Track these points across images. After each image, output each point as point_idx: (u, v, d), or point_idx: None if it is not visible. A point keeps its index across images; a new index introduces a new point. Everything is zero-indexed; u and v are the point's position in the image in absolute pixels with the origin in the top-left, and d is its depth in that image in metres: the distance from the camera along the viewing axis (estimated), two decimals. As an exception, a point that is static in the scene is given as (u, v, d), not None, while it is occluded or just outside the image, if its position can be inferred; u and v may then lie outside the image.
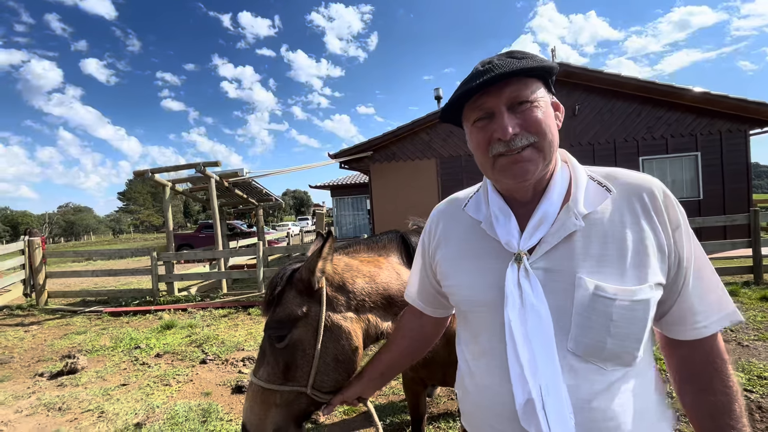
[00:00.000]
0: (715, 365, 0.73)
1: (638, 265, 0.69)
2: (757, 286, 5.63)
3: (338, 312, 1.10)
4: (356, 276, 1.18)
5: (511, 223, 0.78)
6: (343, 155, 11.07)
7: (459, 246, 0.87)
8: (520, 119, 0.72)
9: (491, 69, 0.72)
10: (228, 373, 3.88)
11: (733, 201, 9.28)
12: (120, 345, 4.88)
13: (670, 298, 0.73)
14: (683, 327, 0.73)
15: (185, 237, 18.24)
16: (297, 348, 1.04)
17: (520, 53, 0.76)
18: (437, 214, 0.97)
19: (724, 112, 9.29)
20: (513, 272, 0.74)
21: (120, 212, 77.42)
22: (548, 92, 0.78)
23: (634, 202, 0.73)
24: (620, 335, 0.67)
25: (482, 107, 0.75)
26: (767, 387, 2.88)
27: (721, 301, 0.73)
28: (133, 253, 8.23)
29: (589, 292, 0.67)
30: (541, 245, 0.74)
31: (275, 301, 1.08)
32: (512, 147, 0.72)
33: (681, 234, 0.72)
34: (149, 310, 6.61)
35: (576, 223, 0.72)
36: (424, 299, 1.02)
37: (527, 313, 0.71)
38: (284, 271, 1.12)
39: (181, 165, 8.69)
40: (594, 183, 0.76)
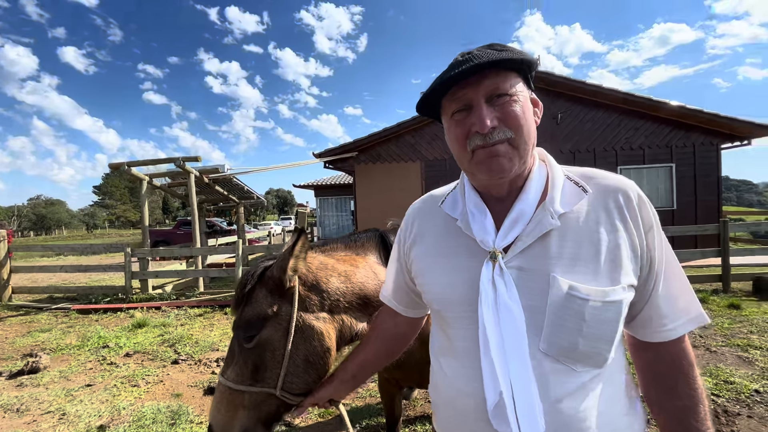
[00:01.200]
0: (681, 368, 0.74)
1: (612, 266, 0.69)
2: (725, 293, 5.84)
3: (311, 312, 1.06)
4: (331, 275, 1.15)
5: (486, 221, 0.77)
6: (328, 155, 10.99)
7: (434, 243, 0.86)
8: (498, 112, 0.71)
9: (470, 59, 0.71)
10: (201, 374, 3.76)
11: (705, 212, 9.64)
12: (87, 344, 4.67)
13: (641, 300, 0.73)
14: (651, 329, 0.74)
15: (163, 233, 17.78)
16: (266, 348, 1.01)
17: (500, 45, 0.75)
18: (413, 212, 0.96)
19: (698, 126, 9.66)
20: (488, 270, 0.73)
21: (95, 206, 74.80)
22: (527, 87, 0.77)
23: (609, 203, 0.73)
24: (592, 336, 0.67)
25: (460, 99, 0.74)
26: (733, 391, 2.97)
27: (689, 304, 0.74)
28: (106, 249, 7.92)
29: (562, 292, 0.67)
30: (516, 244, 0.73)
31: (245, 299, 1.04)
32: (489, 141, 0.71)
33: (653, 236, 0.73)
34: (120, 308, 6.37)
35: (552, 222, 0.71)
36: (399, 299, 1.00)
37: (501, 312, 0.70)
38: (255, 268, 1.08)
39: (160, 159, 8.45)
40: (570, 183, 0.76)
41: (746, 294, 5.81)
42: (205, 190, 10.62)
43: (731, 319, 4.70)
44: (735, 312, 4.96)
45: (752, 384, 3.06)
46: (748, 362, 3.49)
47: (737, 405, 2.80)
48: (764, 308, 5.05)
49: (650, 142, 9.91)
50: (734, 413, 2.70)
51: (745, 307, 5.11)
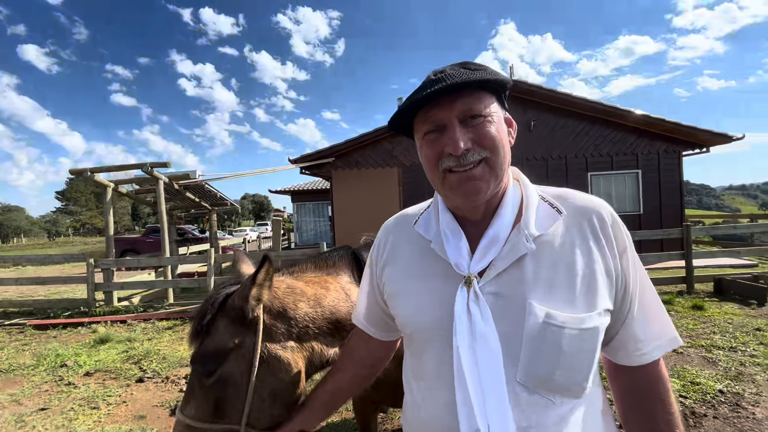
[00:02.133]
0: (658, 392, 0.73)
1: (587, 291, 0.67)
2: (689, 295, 6.10)
3: (277, 341, 0.98)
4: (299, 300, 1.08)
5: (461, 244, 0.74)
6: (305, 160, 10.84)
7: (407, 265, 0.82)
8: (472, 133, 0.69)
9: (443, 79, 0.68)
10: (168, 392, 3.57)
11: (669, 216, 10.09)
12: (43, 363, 4.36)
13: (616, 324, 0.72)
14: (626, 353, 0.73)
15: (131, 241, 17.02)
16: (229, 383, 0.92)
17: (474, 64, 0.74)
18: (386, 231, 0.92)
19: (661, 134, 10.13)
20: (462, 296, 0.70)
21: (57, 213, 70.91)
22: (501, 107, 0.75)
23: (584, 225, 0.72)
24: (569, 366, 0.66)
25: (433, 119, 0.71)
26: (699, 392, 3.07)
27: (663, 327, 0.74)
28: (67, 259, 7.48)
29: (539, 320, 0.65)
30: (491, 268, 0.70)
31: (204, 331, 0.95)
32: (463, 162, 0.69)
33: (627, 258, 0.72)
34: (82, 322, 6.01)
35: (527, 246, 0.69)
36: (372, 321, 0.96)
37: (476, 341, 0.67)
38: (215, 296, 1.00)
39: (127, 165, 8.10)
40: (545, 204, 0.75)
41: (708, 295, 6.08)
42: (175, 197, 10.25)
43: (695, 320, 4.89)
44: (699, 313, 5.18)
45: (716, 384, 3.17)
46: (712, 363, 3.63)
47: (703, 406, 2.89)
48: (725, 309, 5.29)
49: (618, 150, 10.30)
50: (701, 414, 2.79)
51: (708, 307, 5.33)
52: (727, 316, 4.94)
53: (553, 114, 10.41)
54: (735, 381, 3.22)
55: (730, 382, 3.20)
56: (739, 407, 2.83)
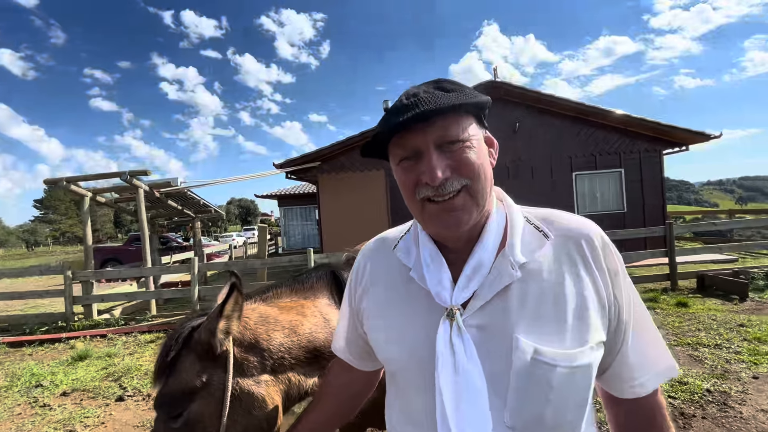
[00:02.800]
0: (655, 423, 0.70)
1: (579, 324, 0.63)
2: (673, 292, 6.19)
3: (249, 376, 0.91)
4: (273, 329, 1.00)
5: (442, 273, 0.68)
6: (290, 165, 10.71)
7: (387, 294, 0.77)
8: (450, 160, 0.64)
9: (416, 104, 0.62)
10: (149, 411, 3.43)
11: (652, 214, 10.27)
12: (17, 383, 4.16)
13: (610, 354, 0.68)
14: (621, 384, 0.69)
15: (113, 251, 16.57)
16: (197, 426, 0.84)
17: (449, 84, 0.68)
18: (364, 256, 0.86)
19: (642, 134, 10.33)
20: (445, 330, 0.65)
21: (36, 222, 68.75)
22: (481, 127, 0.70)
23: (573, 251, 0.67)
24: (560, 404, 0.61)
25: (407, 146, 0.65)
26: (688, 392, 3.09)
27: (659, 355, 0.70)
28: (43, 271, 7.19)
29: (527, 356, 0.60)
30: (475, 299, 0.65)
31: (168, 369, 0.87)
32: (442, 192, 0.63)
33: (619, 283, 0.67)
34: (59, 338, 5.77)
35: (513, 274, 0.64)
36: (353, 351, 0.89)
37: (460, 380, 0.62)
38: (180, 331, 0.92)
39: (105, 173, 7.85)
40: (531, 227, 0.70)
41: (692, 291, 6.18)
42: (157, 205, 10.00)
43: (680, 317, 4.96)
44: (683, 310, 5.25)
45: (704, 383, 3.19)
46: (698, 361, 3.66)
47: (692, 406, 2.91)
48: (708, 305, 5.38)
49: (601, 149, 10.46)
50: (690, 415, 2.80)
51: (692, 304, 5.42)
52: (710, 313, 5.02)
53: (538, 115, 10.51)
54: (721, 379, 3.25)
55: (717, 381, 3.22)
56: (726, 406, 2.85)
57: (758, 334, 4.09)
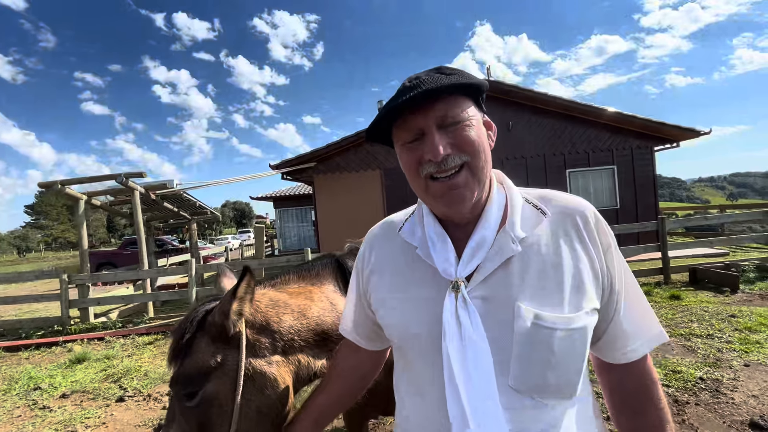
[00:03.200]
0: (646, 388, 0.74)
1: (575, 291, 0.67)
2: (666, 285, 6.30)
3: (261, 357, 0.95)
4: (283, 313, 1.04)
5: (447, 249, 0.73)
6: (286, 166, 10.72)
7: (394, 273, 0.81)
8: (451, 139, 0.68)
9: (418, 85, 0.67)
10: (150, 411, 3.44)
11: (644, 209, 10.41)
12: (15, 387, 4.15)
13: (604, 322, 0.72)
14: (615, 351, 0.74)
15: (107, 255, 16.48)
16: (212, 404, 0.88)
17: (449, 69, 0.72)
18: (371, 239, 0.90)
19: (634, 131, 10.46)
20: (451, 302, 0.69)
21: (27, 228, 67.90)
22: (479, 110, 0.74)
23: (568, 226, 0.72)
24: (561, 367, 0.65)
25: (411, 127, 0.70)
26: (681, 381, 3.16)
27: (649, 324, 0.74)
28: (38, 276, 7.15)
29: (528, 322, 0.64)
30: (478, 272, 0.70)
31: (184, 350, 0.90)
32: (444, 168, 0.68)
33: (612, 256, 0.72)
34: (56, 341, 5.75)
35: (513, 248, 0.69)
36: (361, 332, 0.93)
37: (466, 348, 0.66)
38: (195, 314, 0.95)
39: (100, 176, 7.81)
40: (529, 206, 0.75)
41: (684, 284, 6.29)
42: (152, 208, 9.96)
43: (674, 309, 5.05)
44: (676, 302, 5.35)
45: (697, 372, 3.27)
46: (691, 351, 3.74)
47: (685, 394, 2.98)
48: (700, 297, 5.49)
49: (593, 146, 10.58)
50: (683, 402, 2.87)
51: (685, 297, 5.52)
52: (703, 305, 5.12)
53: (531, 113, 10.61)
54: (714, 367, 3.33)
55: (710, 369, 3.30)
56: (718, 393, 2.93)
57: (749, 324, 4.19)
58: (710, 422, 2.60)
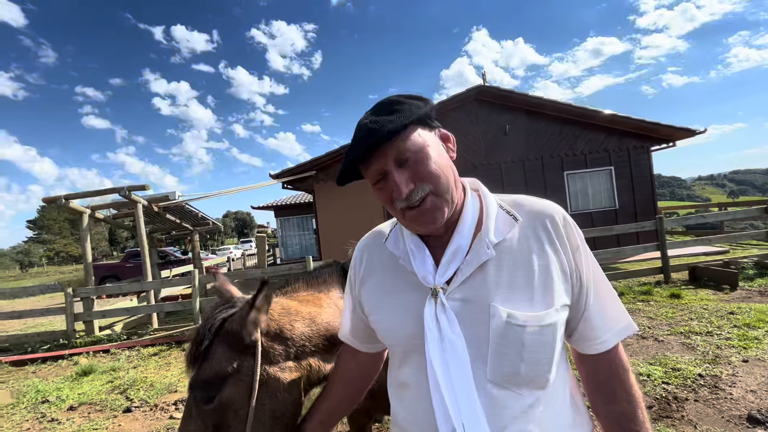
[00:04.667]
0: (618, 376, 0.80)
1: (545, 290, 0.73)
2: (666, 284, 6.32)
3: (275, 363, 1.00)
4: (295, 320, 1.10)
5: (426, 259, 0.80)
6: (286, 175, 10.80)
7: (381, 280, 0.88)
8: (410, 173, 0.74)
9: (369, 134, 0.73)
10: (157, 421, 3.48)
11: (643, 209, 10.45)
12: (23, 400, 4.19)
13: (576, 317, 0.79)
14: (587, 342, 0.80)
15: (110, 267, 16.54)
16: (228, 408, 0.93)
17: (391, 104, 0.77)
18: (361, 248, 0.98)
19: (630, 131, 10.54)
20: (430, 307, 0.76)
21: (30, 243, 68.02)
22: (430, 129, 0.79)
23: (539, 229, 0.78)
24: (532, 360, 0.71)
25: (374, 170, 0.77)
26: (681, 378, 3.20)
27: (618, 316, 0.80)
28: (43, 290, 7.20)
29: (502, 320, 0.71)
30: (456, 276, 0.76)
31: (202, 356, 0.95)
32: (412, 201, 0.74)
33: (580, 255, 0.78)
34: (62, 355, 5.80)
35: (488, 253, 0.75)
36: (357, 336, 1.00)
37: (446, 348, 0.73)
38: (212, 321, 1.00)
39: (103, 190, 7.90)
40: (503, 212, 0.80)
41: (684, 283, 6.32)
42: (155, 220, 10.04)
43: (674, 308, 5.08)
44: (676, 301, 5.38)
45: (696, 369, 3.31)
46: (691, 348, 3.78)
47: (685, 390, 3.02)
48: (700, 295, 5.52)
49: (590, 148, 10.66)
50: (683, 399, 2.90)
51: (685, 295, 5.55)
52: (702, 303, 5.16)
53: (528, 117, 10.70)
54: (713, 364, 3.36)
55: (709, 366, 3.34)
56: (717, 389, 2.96)
57: (748, 321, 4.22)
58: (709, 418, 2.64)
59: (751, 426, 2.48)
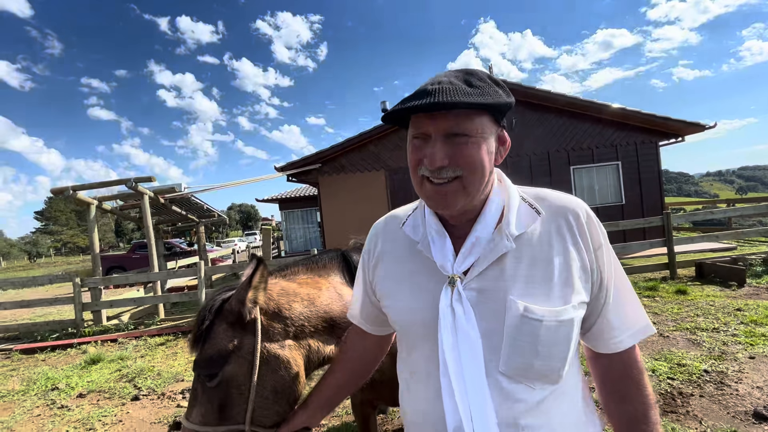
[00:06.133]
0: (632, 376, 0.78)
1: (564, 286, 0.72)
2: (672, 280, 6.29)
3: (275, 341, 1.03)
4: (293, 301, 1.12)
5: (446, 246, 0.79)
6: (291, 168, 10.81)
7: (396, 265, 0.87)
8: (451, 151, 0.71)
9: (437, 92, 0.68)
10: (165, 409, 3.54)
11: (650, 204, 10.37)
12: (33, 387, 4.27)
13: (593, 315, 0.77)
14: (603, 341, 0.78)
15: (117, 258, 16.72)
16: (231, 385, 0.97)
17: (478, 78, 0.73)
18: (376, 232, 0.96)
19: (638, 126, 10.42)
20: (446, 295, 0.75)
21: (37, 234, 68.80)
22: (495, 125, 0.75)
23: (561, 224, 0.76)
24: (546, 355, 0.70)
25: (420, 127, 0.73)
26: (686, 373, 3.19)
27: (636, 317, 0.78)
28: (52, 280, 7.29)
29: (518, 313, 0.69)
30: (474, 267, 0.75)
31: (203, 336, 0.99)
32: (438, 175, 0.72)
33: (602, 253, 0.76)
34: (71, 343, 5.89)
35: (507, 245, 0.73)
36: (367, 318, 1.00)
37: (459, 337, 0.72)
38: (212, 302, 1.04)
39: (110, 181, 7.96)
40: (525, 204, 0.78)
41: (690, 279, 6.28)
42: (161, 211, 10.10)
43: (680, 304, 5.05)
44: (682, 297, 5.35)
45: (701, 364, 3.29)
46: (696, 344, 3.76)
47: (690, 386, 3.01)
48: (707, 291, 5.48)
49: (598, 143, 10.55)
50: (688, 394, 2.90)
51: (691, 291, 5.52)
52: (709, 299, 5.12)
53: (534, 111, 10.61)
54: (719, 360, 3.35)
55: (714, 362, 3.32)
56: (723, 385, 2.95)
57: (755, 317, 4.19)
58: (714, 413, 2.63)
59: (757, 422, 2.48)
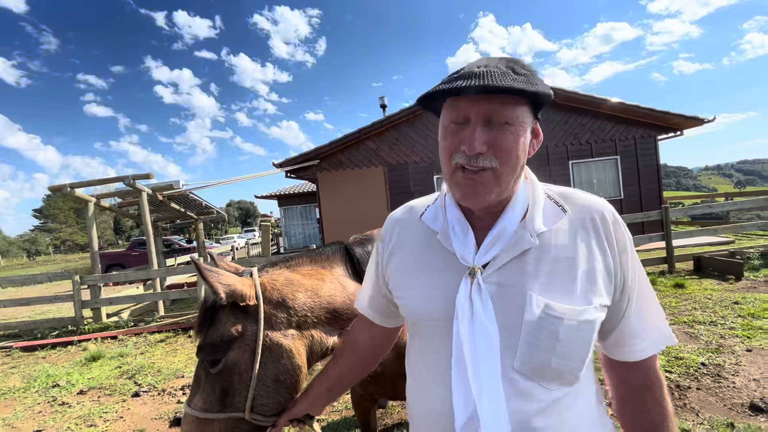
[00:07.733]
0: (651, 385, 0.77)
1: (586, 286, 0.70)
2: (670, 274, 6.31)
3: (278, 330, 1.05)
4: (297, 291, 1.13)
5: (468, 238, 0.77)
6: (289, 164, 10.80)
7: (413, 256, 0.85)
8: (491, 138, 0.69)
9: (484, 76, 0.67)
10: (165, 405, 3.55)
11: (648, 199, 10.40)
12: (34, 384, 4.28)
13: (614, 320, 0.75)
14: (623, 348, 0.76)
15: (116, 256, 16.72)
16: (233, 372, 0.98)
17: (522, 67, 0.72)
18: (392, 222, 0.93)
19: (637, 120, 10.42)
20: (466, 286, 0.73)
21: (36, 231, 68.69)
22: (532, 116, 0.74)
23: (587, 224, 0.74)
24: (565, 355, 0.68)
25: (460, 110, 0.71)
26: (683, 366, 3.21)
27: (658, 325, 0.76)
28: (51, 278, 7.29)
29: (538, 310, 0.68)
30: (495, 260, 0.73)
31: (208, 322, 1.01)
32: (473, 163, 0.70)
33: (627, 257, 0.74)
34: (71, 341, 5.90)
35: (531, 241, 0.72)
36: (375, 308, 0.98)
37: (476, 329, 0.70)
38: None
39: (108, 178, 7.92)
40: (551, 202, 0.77)
41: (688, 273, 6.31)
42: (159, 208, 10.09)
43: (678, 297, 5.08)
44: (680, 291, 5.37)
45: (699, 357, 3.32)
46: (694, 337, 3.79)
47: (687, 379, 3.03)
48: (704, 285, 5.51)
49: (596, 137, 10.55)
50: (685, 387, 2.92)
51: (689, 285, 5.54)
52: (707, 292, 5.15)
53: (533, 105, 10.58)
54: (716, 353, 3.37)
55: (712, 355, 3.35)
56: (720, 378, 2.98)
57: (752, 310, 4.22)
58: (711, 405, 2.66)
59: (754, 414, 2.50)
